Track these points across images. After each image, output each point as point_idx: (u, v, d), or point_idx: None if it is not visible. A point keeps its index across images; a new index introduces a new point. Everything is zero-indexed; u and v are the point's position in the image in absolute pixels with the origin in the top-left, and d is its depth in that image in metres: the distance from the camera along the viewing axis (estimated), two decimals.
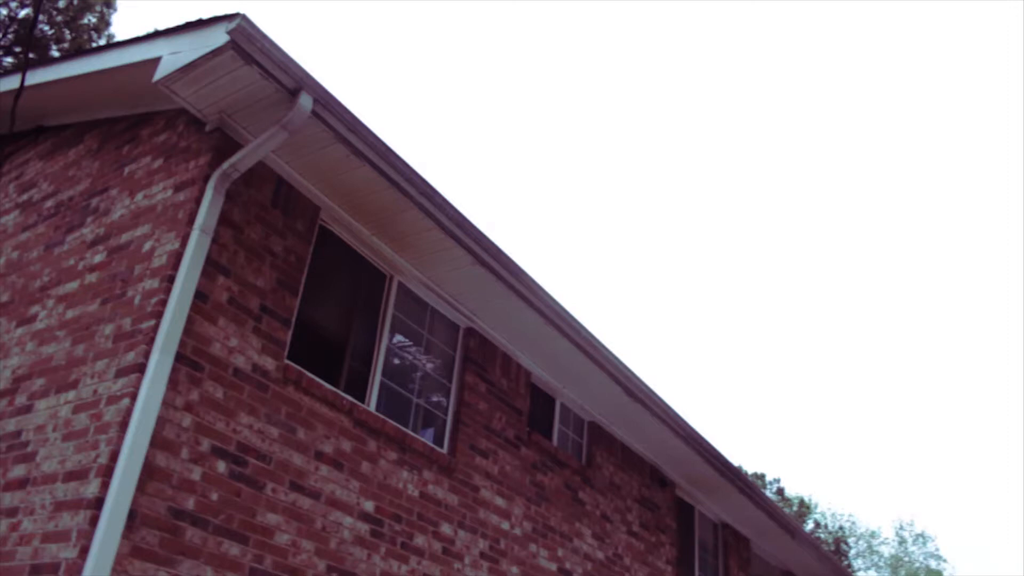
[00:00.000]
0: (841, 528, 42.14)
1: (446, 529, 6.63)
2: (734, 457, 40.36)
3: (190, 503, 4.80)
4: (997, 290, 64.09)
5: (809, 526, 40.53)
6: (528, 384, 8.06)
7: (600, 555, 8.61)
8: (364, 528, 5.89)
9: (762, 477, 40.50)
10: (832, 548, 39.44)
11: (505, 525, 7.30)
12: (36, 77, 6.77)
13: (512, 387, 7.79)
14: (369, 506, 5.97)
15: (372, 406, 6.25)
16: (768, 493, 37.48)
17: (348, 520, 5.77)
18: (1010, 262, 60.19)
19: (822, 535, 40.65)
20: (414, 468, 6.43)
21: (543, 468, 8.00)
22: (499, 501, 7.29)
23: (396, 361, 6.80)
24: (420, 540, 6.33)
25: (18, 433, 5.26)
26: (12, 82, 7.12)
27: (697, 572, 10.82)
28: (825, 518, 42.33)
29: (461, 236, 6.23)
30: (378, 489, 6.07)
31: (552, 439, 8.41)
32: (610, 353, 7.91)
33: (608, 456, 9.18)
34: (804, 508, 41.47)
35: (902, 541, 41.68)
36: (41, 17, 16.76)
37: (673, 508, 10.36)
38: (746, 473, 10.55)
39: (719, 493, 10.91)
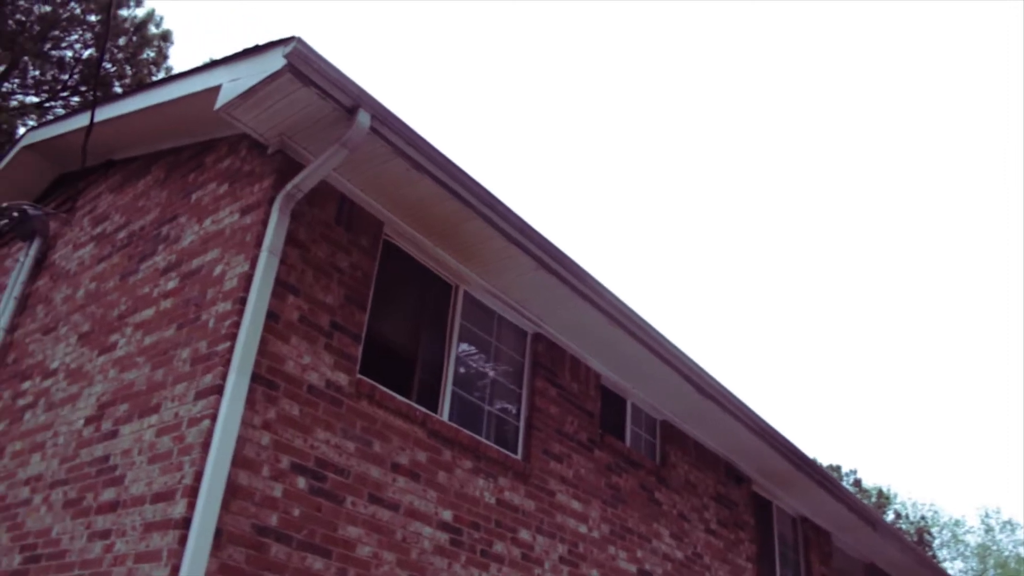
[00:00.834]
0: (923, 518, 41.14)
1: (524, 535, 6.64)
2: (808, 449, 39.69)
3: (273, 519, 4.89)
4: None
5: (889, 517, 39.65)
6: (598, 386, 8.04)
7: (679, 555, 8.54)
8: (444, 537, 5.93)
9: (838, 469, 39.77)
10: (915, 539, 38.53)
11: (583, 528, 7.29)
12: (103, 113, 6.97)
13: (582, 390, 7.78)
14: (447, 515, 6.01)
15: (445, 416, 6.30)
16: (845, 485, 36.78)
17: (427, 530, 5.82)
18: None
19: (903, 526, 39.74)
20: (489, 475, 6.46)
21: (617, 469, 7.96)
22: (575, 505, 7.28)
23: (465, 370, 6.84)
24: (499, 547, 6.35)
25: (106, 458, 5.41)
26: (82, 120, 7.34)
27: (778, 568, 10.66)
28: (905, 508, 41.38)
29: (525, 243, 6.25)
30: (455, 498, 6.11)
31: (625, 440, 8.38)
32: (679, 351, 7.85)
33: (682, 455, 9.11)
34: (883, 499, 40.60)
35: (988, 530, 40.50)
36: (104, 56, 17.28)
37: (750, 504, 10.23)
38: (821, 465, 10.38)
39: (796, 487, 10.74)
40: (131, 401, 5.51)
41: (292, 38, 4.86)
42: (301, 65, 4.89)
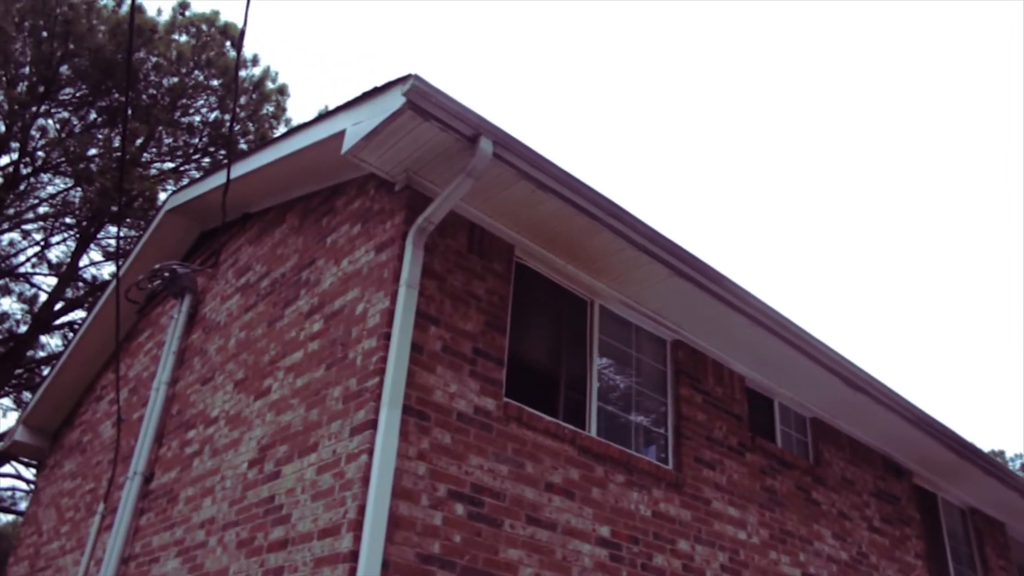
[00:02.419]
0: None
1: (683, 546, 6.54)
2: (966, 435, 37.77)
3: (435, 547, 4.97)
4: None
5: None
6: (743, 388, 7.88)
7: (844, 555, 8.24)
8: (603, 554, 5.90)
9: (1001, 454, 37.68)
10: None
11: (742, 535, 7.13)
12: (237, 170, 7.29)
13: (727, 394, 7.64)
14: (605, 531, 5.98)
15: (593, 431, 6.28)
16: (1012, 470, 34.83)
17: (586, 547, 5.80)
18: None
19: None
20: (643, 488, 6.40)
21: (771, 472, 7.77)
22: (732, 511, 7.13)
23: (608, 383, 6.82)
24: (659, 560, 6.28)
25: (272, 498, 5.63)
26: (217, 180, 7.72)
27: (951, 564, 10.14)
28: None
29: (655, 251, 6.20)
30: (611, 513, 6.08)
31: (776, 441, 8.17)
32: (823, 344, 7.62)
33: (836, 451, 8.81)
34: None
35: None
36: (227, 116, 18.17)
37: (913, 498, 9.79)
38: (984, 451, 9.83)
39: (960, 476, 10.23)
40: (290, 442, 5.72)
41: (409, 76, 4.97)
42: (420, 101, 5.00)
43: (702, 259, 6.44)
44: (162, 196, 17.40)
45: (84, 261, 19.46)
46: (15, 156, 17.91)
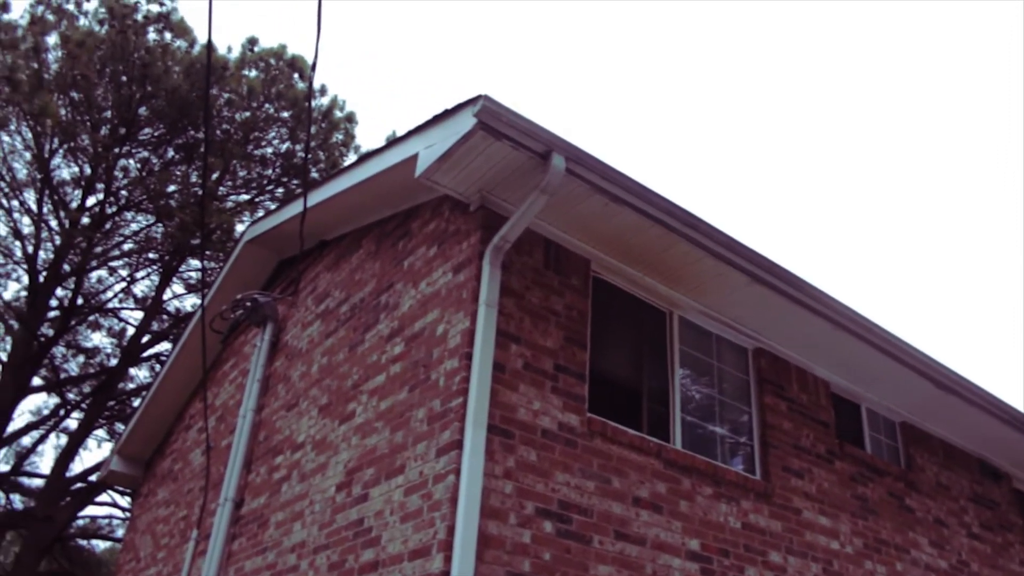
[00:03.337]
0: None
1: (775, 557, 6.42)
2: None
3: (526, 566, 4.96)
4: None
5: None
6: (828, 394, 7.71)
7: (943, 564, 7.99)
8: (694, 567, 5.83)
9: None
10: None
11: (835, 545, 6.97)
12: (312, 199, 7.44)
13: (813, 400, 7.49)
14: (694, 544, 5.90)
15: (677, 444, 6.22)
16: None
17: (676, 561, 5.74)
18: None
19: None
20: (731, 499, 6.31)
21: (862, 479, 7.58)
22: (823, 520, 6.98)
23: (691, 394, 6.75)
24: (751, 572, 6.17)
25: (360, 520, 5.69)
26: (293, 209, 7.88)
27: None
28: None
29: (734, 259, 6.13)
30: (700, 526, 6.00)
31: (865, 447, 7.97)
32: (910, 346, 7.42)
33: (929, 456, 8.56)
34: None
35: None
36: (298, 146, 18.58)
37: (1014, 502, 9.44)
38: None
39: None
40: (376, 465, 5.78)
41: (479, 97, 5.02)
42: (491, 121, 5.04)
43: (782, 265, 6.34)
44: (239, 228, 17.86)
45: (168, 294, 20.07)
46: (100, 196, 18.58)
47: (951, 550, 8.17)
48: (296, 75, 18.68)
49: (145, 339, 19.76)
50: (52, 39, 17.12)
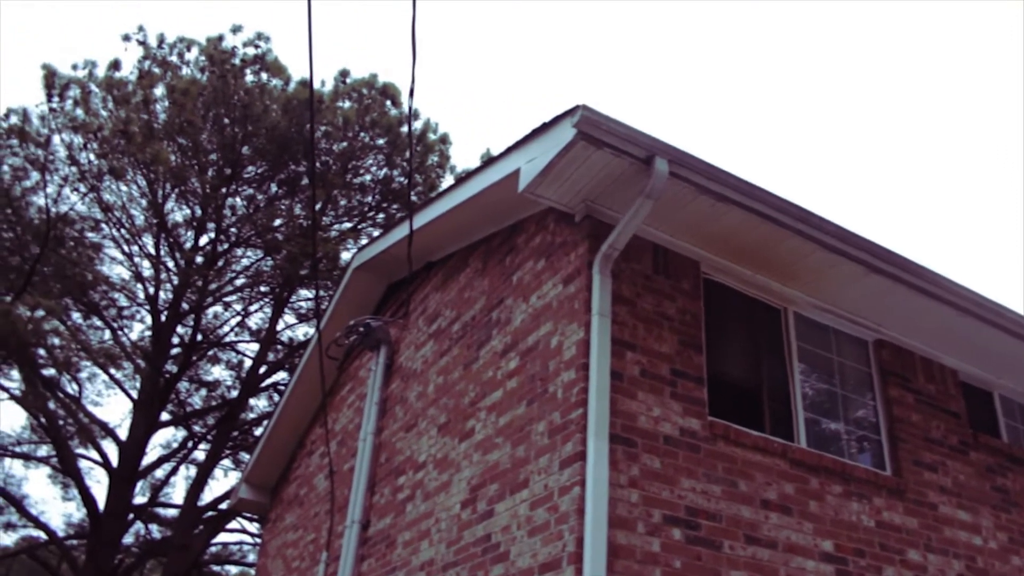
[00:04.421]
0: None
1: (913, 555, 6.20)
2: None
3: (657, 574, 4.92)
4: None
5: None
6: (957, 383, 7.41)
7: None
8: (828, 569, 5.67)
9: None
10: None
11: (977, 540, 6.68)
12: (416, 221, 7.57)
13: (941, 390, 7.22)
14: (828, 545, 5.75)
15: (802, 443, 6.08)
16: None
17: (810, 564, 5.60)
18: None
19: None
20: (862, 497, 6.13)
21: (1000, 470, 7.25)
22: (962, 515, 6.70)
23: (811, 391, 6.59)
24: (890, 572, 5.97)
25: (488, 536, 5.74)
26: (398, 234, 8.04)
27: None
28: None
29: (848, 250, 5.96)
30: (831, 526, 5.84)
31: (1000, 436, 7.63)
32: None
33: None
34: None
35: None
36: (395, 171, 19.00)
37: None
38: None
39: None
40: (499, 480, 5.82)
41: (577, 107, 5.03)
42: (591, 130, 5.04)
43: (898, 253, 6.14)
44: (344, 256, 18.32)
45: (280, 324, 20.72)
46: (212, 235, 19.35)
47: None
48: (388, 102, 19.09)
49: (262, 370, 20.43)
50: (159, 90, 17.94)
